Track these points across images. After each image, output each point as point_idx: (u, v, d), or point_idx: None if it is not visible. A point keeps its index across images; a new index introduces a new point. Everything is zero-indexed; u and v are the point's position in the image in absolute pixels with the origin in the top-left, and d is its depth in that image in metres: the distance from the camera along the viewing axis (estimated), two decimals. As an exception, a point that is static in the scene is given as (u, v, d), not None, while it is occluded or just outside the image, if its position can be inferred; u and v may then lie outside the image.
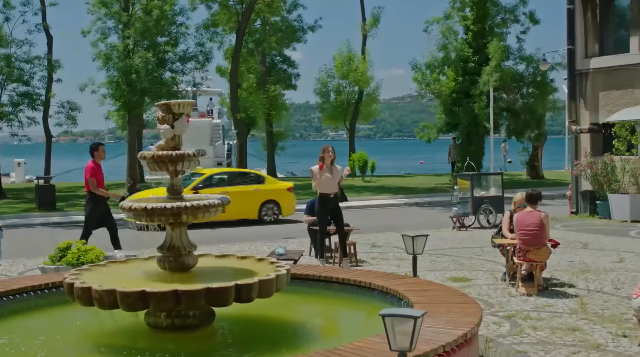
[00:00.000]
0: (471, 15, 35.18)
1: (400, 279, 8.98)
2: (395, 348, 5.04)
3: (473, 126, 34.46)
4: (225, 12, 37.48)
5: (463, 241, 17.42)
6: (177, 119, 7.33)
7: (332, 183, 13.06)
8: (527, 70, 35.20)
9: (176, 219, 7.14)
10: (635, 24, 21.36)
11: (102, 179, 13.78)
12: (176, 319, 7.07)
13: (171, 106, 7.34)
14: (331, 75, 44.78)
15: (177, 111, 7.35)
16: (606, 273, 12.70)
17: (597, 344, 8.29)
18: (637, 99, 21.13)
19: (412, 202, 30.19)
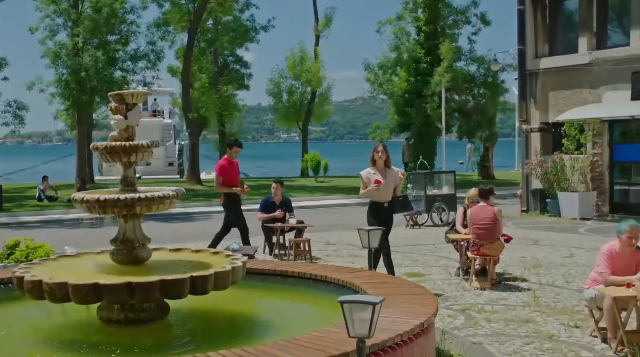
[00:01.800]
0: (423, 16, 35.43)
1: (356, 272, 8.97)
2: (353, 335, 5.00)
3: (425, 126, 34.70)
4: (177, 11, 37.11)
5: (416, 239, 17.52)
6: (130, 110, 7.21)
7: (385, 189, 10.76)
8: (479, 71, 35.62)
9: (130, 211, 7.01)
10: (583, 25, 21.73)
11: (232, 176, 13.42)
12: (129, 312, 6.93)
13: (124, 96, 7.22)
14: (283, 75, 44.77)
15: (131, 101, 7.23)
16: (557, 268, 12.87)
17: (551, 335, 8.38)
18: (586, 98, 21.49)
19: (365, 202, 30.14)
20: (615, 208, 21.02)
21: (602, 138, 21.06)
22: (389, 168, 10.86)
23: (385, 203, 10.80)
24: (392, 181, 10.80)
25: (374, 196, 10.76)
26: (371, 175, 10.76)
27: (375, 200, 10.85)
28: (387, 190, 10.75)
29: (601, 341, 8.05)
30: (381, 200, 10.79)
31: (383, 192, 10.72)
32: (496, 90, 35.57)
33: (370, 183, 10.70)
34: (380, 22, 36.72)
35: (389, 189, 10.78)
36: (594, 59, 21.20)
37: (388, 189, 10.77)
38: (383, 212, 10.81)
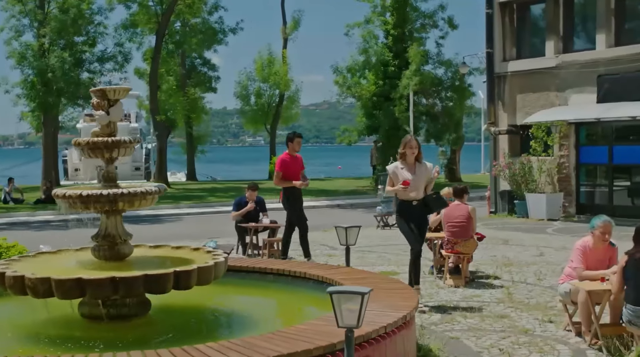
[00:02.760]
0: (391, 19, 35.65)
1: (334, 269, 9.05)
2: (342, 325, 5.08)
3: (393, 129, 34.86)
4: (145, 13, 36.95)
5: (388, 239, 17.64)
6: (112, 106, 7.21)
7: (415, 186, 9.60)
8: (446, 74, 35.91)
9: (112, 207, 7.02)
10: (550, 29, 22.07)
11: (295, 171, 12.73)
12: (111, 308, 6.93)
13: (107, 92, 7.22)
14: (251, 78, 44.73)
15: (113, 97, 7.24)
16: (528, 266, 13.07)
17: (526, 330, 8.54)
18: (553, 101, 21.83)
19: (334, 203, 30.39)
20: (581, 209, 21.37)
21: (569, 140, 21.40)
22: (419, 163, 9.75)
23: (414, 201, 9.66)
24: (422, 177, 9.68)
25: (401, 193, 9.69)
26: (399, 171, 9.68)
27: (403, 198, 9.76)
28: (417, 187, 9.60)
29: (575, 335, 8.22)
30: (410, 198, 9.66)
31: (412, 190, 9.59)
32: (463, 94, 35.90)
33: (398, 180, 9.63)
34: (348, 26, 36.90)
35: (419, 185, 9.63)
36: (560, 62, 21.54)
37: (418, 186, 9.62)
38: (413, 211, 9.69)
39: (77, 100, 33.43)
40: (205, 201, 30.65)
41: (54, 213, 26.37)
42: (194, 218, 25.41)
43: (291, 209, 12.76)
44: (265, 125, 45.81)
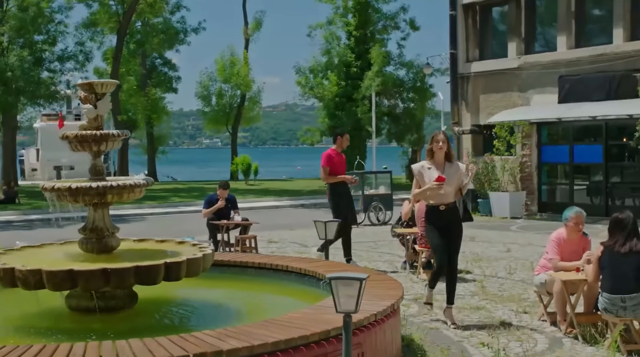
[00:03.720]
0: (353, 21, 35.98)
1: (315, 262, 9.18)
2: (341, 310, 5.21)
3: (356, 130, 35.18)
4: (105, 12, 36.71)
5: (356, 237, 17.73)
6: (99, 99, 7.25)
7: (444, 188, 8.33)
8: (408, 75, 36.35)
9: (101, 199, 7.06)
10: (512, 30, 22.51)
11: (340, 167, 12.39)
12: (100, 301, 6.98)
13: (94, 86, 7.25)
14: (213, 79, 44.62)
15: (100, 91, 7.27)
16: (497, 261, 13.36)
17: (502, 320, 8.76)
18: (515, 101, 22.25)
19: (298, 203, 30.53)
20: (543, 207, 21.82)
21: (531, 140, 21.84)
22: (449, 162, 8.55)
23: (443, 206, 8.45)
24: (454, 178, 8.47)
25: (430, 197, 8.47)
26: (425, 171, 8.47)
27: (432, 203, 8.51)
28: (446, 189, 8.36)
29: (550, 324, 8.46)
30: (437, 202, 8.44)
31: (440, 192, 8.36)
32: (424, 95, 36.37)
33: (424, 182, 8.42)
34: (310, 27, 37.19)
35: (448, 187, 8.39)
36: (522, 63, 21.97)
37: (447, 188, 8.37)
38: (442, 218, 8.48)
39: (37, 99, 33.07)
40: (169, 201, 30.55)
41: (16, 213, 26.11)
42: (158, 218, 25.33)
43: (340, 204, 12.39)
44: (227, 126, 45.73)
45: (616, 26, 20.03)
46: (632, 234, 7.39)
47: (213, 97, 44.70)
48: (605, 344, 7.43)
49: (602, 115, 19.71)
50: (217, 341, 5.36)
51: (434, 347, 7.53)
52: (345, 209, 12.36)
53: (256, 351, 5.30)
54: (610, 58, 19.96)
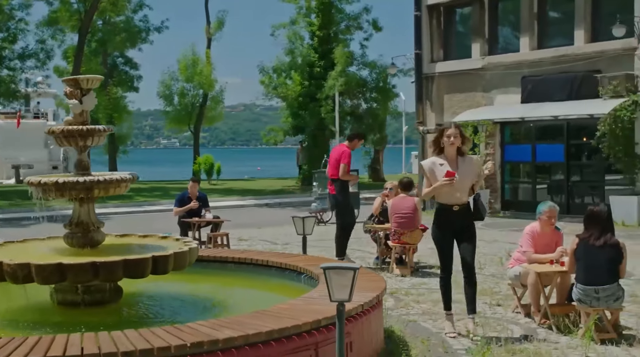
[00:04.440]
0: (317, 21, 36.13)
1: (294, 257, 9.32)
2: (335, 299, 5.36)
3: (319, 129, 35.38)
4: (67, 10, 36.34)
5: (324, 235, 17.92)
6: (85, 95, 7.29)
7: (458, 186, 7.62)
8: (371, 76, 36.61)
9: (87, 194, 7.11)
10: (476, 31, 22.88)
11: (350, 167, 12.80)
12: (86, 295, 7.04)
13: (79, 81, 7.31)
14: (175, 78, 44.39)
15: (85, 86, 7.32)
16: (466, 257, 13.58)
17: (477, 312, 8.97)
18: (479, 101, 22.62)
19: (262, 203, 30.57)
20: (506, 205, 22.21)
21: (495, 139, 22.22)
22: (462, 157, 7.82)
23: (456, 206, 7.72)
24: (468, 175, 7.72)
25: (440, 196, 7.75)
26: (437, 168, 7.68)
27: (442, 202, 7.79)
28: (460, 187, 7.65)
29: (524, 316, 8.71)
30: (450, 202, 7.71)
31: (452, 191, 7.65)
32: (387, 95, 36.67)
33: (435, 179, 7.65)
34: (274, 26, 37.26)
35: (463, 186, 7.67)
36: (486, 64, 22.35)
37: (462, 187, 7.66)
38: (455, 220, 7.76)
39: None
40: (134, 200, 30.37)
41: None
42: (123, 218, 25.18)
43: (346, 202, 12.80)
44: (189, 125, 45.55)
45: (577, 28, 20.49)
46: (607, 227, 7.66)
47: (175, 97, 44.46)
48: (578, 334, 7.68)
49: (563, 115, 20.14)
50: (212, 331, 5.47)
51: (415, 338, 7.71)
52: (352, 206, 12.95)
53: (251, 339, 5.42)
54: (571, 59, 20.41)
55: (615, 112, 18.65)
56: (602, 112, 18.86)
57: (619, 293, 7.61)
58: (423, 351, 7.26)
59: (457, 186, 7.60)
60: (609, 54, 19.65)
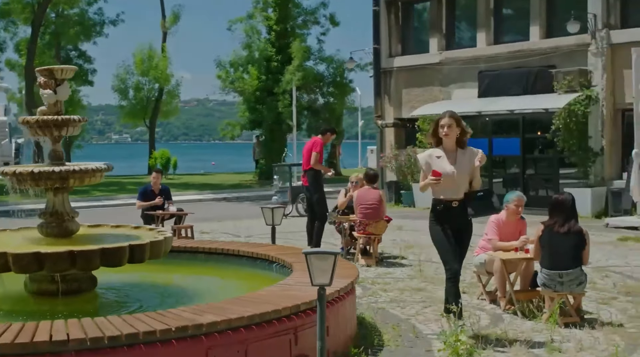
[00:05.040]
0: (274, 15, 36.18)
1: (265, 246, 9.43)
2: (316, 283, 5.50)
3: (276, 124, 35.46)
4: (19, 2, 35.76)
5: (286, 227, 18.00)
6: (59, 85, 7.31)
7: (455, 181, 7.18)
8: (328, 70, 36.80)
9: (63, 183, 7.13)
10: (433, 26, 23.20)
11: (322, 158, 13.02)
12: (61, 284, 7.06)
13: (54, 71, 7.32)
14: (130, 72, 44.01)
15: (60, 77, 7.34)
16: (429, 247, 13.68)
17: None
18: (437, 96, 22.94)
19: (220, 197, 30.54)
20: (463, 198, 22.54)
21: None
22: (462, 149, 7.28)
23: (454, 202, 7.23)
24: (467, 168, 7.20)
25: (438, 191, 7.28)
26: (434, 161, 7.24)
27: (440, 197, 7.31)
28: (458, 181, 7.16)
29: (489, 303, 8.95)
30: (448, 197, 7.23)
31: (451, 185, 7.16)
32: (344, 90, 36.90)
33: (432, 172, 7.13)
34: (231, 21, 37.29)
35: (460, 180, 7.17)
36: (444, 58, 22.67)
37: (459, 181, 7.17)
38: (454, 216, 7.28)
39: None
40: (91, 195, 30.09)
41: None
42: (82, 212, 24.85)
43: (320, 193, 12.92)
44: (144, 119, 45.20)
45: (532, 24, 20.91)
46: (571, 215, 7.94)
47: (130, 91, 44.06)
48: (543, 318, 7.94)
49: (519, 109, 20.52)
50: (194, 316, 5.57)
51: (385, 324, 7.90)
52: (323, 198, 12.98)
53: (234, 324, 5.54)
54: (527, 54, 20.83)
55: (569, 107, 19.09)
56: (556, 106, 19.29)
57: (581, 278, 7.90)
58: (394, 336, 7.44)
59: (456, 180, 7.09)
60: (563, 50, 20.11)
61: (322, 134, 13.24)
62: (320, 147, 12.92)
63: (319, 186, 12.93)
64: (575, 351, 6.88)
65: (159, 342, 5.21)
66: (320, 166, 13.05)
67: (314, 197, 12.94)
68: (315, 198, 12.92)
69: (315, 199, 12.95)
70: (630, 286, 9.93)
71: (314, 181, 12.90)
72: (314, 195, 12.93)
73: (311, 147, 12.89)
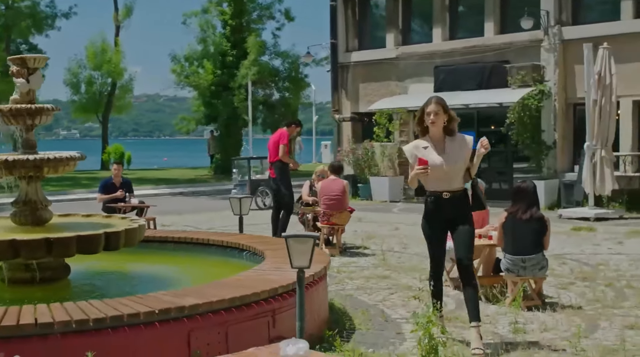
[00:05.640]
0: (229, 10, 36.12)
1: (234, 235, 9.55)
2: (295, 266, 5.66)
3: (232, 118, 35.44)
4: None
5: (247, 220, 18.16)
6: (31, 74, 7.33)
7: (446, 171, 6.53)
8: (283, 65, 36.89)
9: (37, 172, 7.16)
10: (390, 21, 23.48)
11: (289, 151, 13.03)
12: (35, 272, 7.10)
13: (26, 60, 7.34)
14: (82, 66, 43.48)
15: (32, 66, 7.36)
16: (389, 238, 14.11)
17: (408, 286, 9.45)
18: (393, 90, 23.23)
19: (177, 191, 30.47)
20: (420, 191, 22.86)
21: (408, 127, 22.84)
22: (451, 136, 6.67)
23: (446, 193, 6.58)
24: (458, 156, 6.59)
25: (428, 182, 6.61)
26: (420, 152, 6.57)
27: (430, 188, 6.66)
28: (449, 172, 6.55)
29: (453, 289, 9.20)
30: (438, 189, 6.58)
31: (442, 175, 6.53)
32: (299, 85, 37.04)
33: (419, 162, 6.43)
34: (185, 14, 37.07)
35: (452, 170, 6.56)
36: (400, 53, 22.97)
37: (451, 171, 6.55)
38: (444, 209, 6.61)
39: None
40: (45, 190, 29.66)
41: None
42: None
43: (287, 184, 13.05)
44: (97, 114, 44.72)
45: (487, 20, 21.33)
46: (533, 202, 8.23)
47: (82, 85, 43.51)
48: (506, 302, 8.22)
49: (474, 104, 20.90)
50: (175, 299, 5.68)
51: (354, 310, 8.09)
52: (290, 190, 13.13)
53: (215, 306, 5.67)
54: (481, 50, 21.23)
55: (523, 101, 19.54)
56: (510, 100, 19.72)
57: (543, 262, 8.19)
58: (365, 320, 7.63)
59: (446, 170, 6.48)
60: (517, 46, 20.55)
61: (287, 126, 13.39)
62: (287, 139, 13.06)
63: (285, 178, 13.04)
64: (539, 331, 7.16)
65: (143, 325, 5.32)
66: (288, 159, 13.20)
67: (281, 189, 13.03)
68: (283, 189, 13.01)
69: (282, 191, 13.04)
70: (586, 272, 10.29)
71: (280, 173, 13.02)
72: (281, 186, 13.02)
73: (278, 139, 13.01)
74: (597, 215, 16.35)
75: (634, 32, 18.46)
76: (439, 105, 6.58)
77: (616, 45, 17.04)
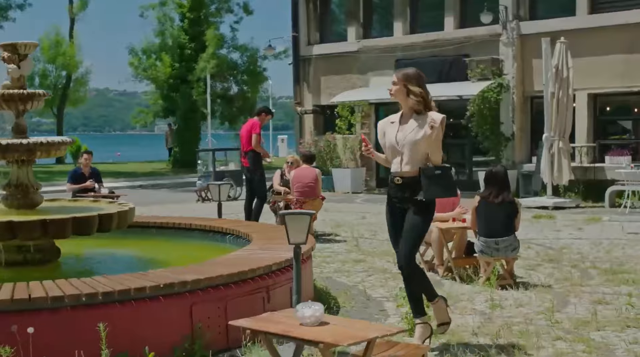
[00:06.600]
0: (187, 3, 36.10)
1: (216, 220, 9.77)
2: (292, 242, 5.93)
3: (191, 112, 35.46)
4: None
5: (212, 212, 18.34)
6: (22, 60, 7.47)
7: (400, 152, 5.98)
8: (242, 58, 37.00)
9: (29, 156, 7.30)
10: (351, 15, 23.80)
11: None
12: (28, 254, 7.25)
13: (17, 46, 7.46)
14: (36, 58, 42.92)
15: (23, 52, 7.49)
16: (357, 226, 14.45)
17: (384, 269, 9.79)
18: (355, 83, 23.56)
19: (136, 184, 30.37)
20: (381, 183, 23.28)
21: (370, 119, 23.22)
22: (418, 114, 6.04)
23: (397, 178, 6.02)
24: (415, 137, 5.92)
25: (386, 163, 6.23)
26: (388, 128, 6.19)
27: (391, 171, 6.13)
28: (404, 153, 5.95)
29: (427, 271, 9.53)
30: (393, 171, 6.09)
31: (396, 157, 6.03)
32: (257, 78, 37.19)
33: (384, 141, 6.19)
34: (142, 7, 36.95)
35: (407, 151, 5.93)
36: (361, 47, 23.30)
37: (406, 152, 5.94)
38: (395, 196, 6.10)
39: None
40: (2, 183, 29.41)
41: None
42: None
43: (260, 173, 13.19)
44: (52, 107, 44.23)
45: (447, 15, 21.78)
46: (504, 186, 8.62)
47: (36, 77, 42.98)
48: (480, 282, 8.61)
49: (434, 96, 20.64)
50: (175, 276, 5.91)
51: (337, 290, 8.40)
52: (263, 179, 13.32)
53: (215, 281, 5.93)
54: (442, 43, 21.67)
55: (482, 94, 20.03)
56: (470, 93, 20.20)
57: (515, 244, 8.60)
58: (348, 299, 7.95)
59: (400, 151, 5.92)
60: (476, 40, 21.03)
61: (257, 115, 13.56)
62: (259, 128, 13.20)
63: (259, 166, 13.20)
64: (515, 307, 7.55)
65: (148, 299, 5.54)
66: (261, 149, 13.26)
67: (255, 178, 13.23)
68: (256, 178, 13.21)
69: (255, 179, 13.24)
70: (552, 255, 10.76)
71: (253, 162, 13.16)
72: (254, 175, 13.21)
73: (250, 128, 13.17)
74: (555, 204, 16.91)
75: (589, 27, 19.06)
76: (396, 76, 6.07)
77: (572, 40, 17.62)
